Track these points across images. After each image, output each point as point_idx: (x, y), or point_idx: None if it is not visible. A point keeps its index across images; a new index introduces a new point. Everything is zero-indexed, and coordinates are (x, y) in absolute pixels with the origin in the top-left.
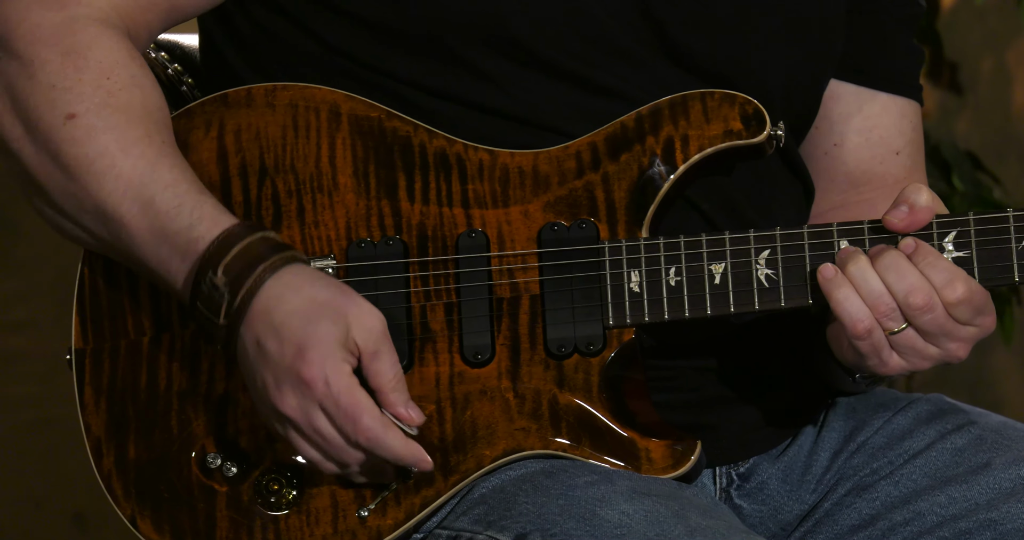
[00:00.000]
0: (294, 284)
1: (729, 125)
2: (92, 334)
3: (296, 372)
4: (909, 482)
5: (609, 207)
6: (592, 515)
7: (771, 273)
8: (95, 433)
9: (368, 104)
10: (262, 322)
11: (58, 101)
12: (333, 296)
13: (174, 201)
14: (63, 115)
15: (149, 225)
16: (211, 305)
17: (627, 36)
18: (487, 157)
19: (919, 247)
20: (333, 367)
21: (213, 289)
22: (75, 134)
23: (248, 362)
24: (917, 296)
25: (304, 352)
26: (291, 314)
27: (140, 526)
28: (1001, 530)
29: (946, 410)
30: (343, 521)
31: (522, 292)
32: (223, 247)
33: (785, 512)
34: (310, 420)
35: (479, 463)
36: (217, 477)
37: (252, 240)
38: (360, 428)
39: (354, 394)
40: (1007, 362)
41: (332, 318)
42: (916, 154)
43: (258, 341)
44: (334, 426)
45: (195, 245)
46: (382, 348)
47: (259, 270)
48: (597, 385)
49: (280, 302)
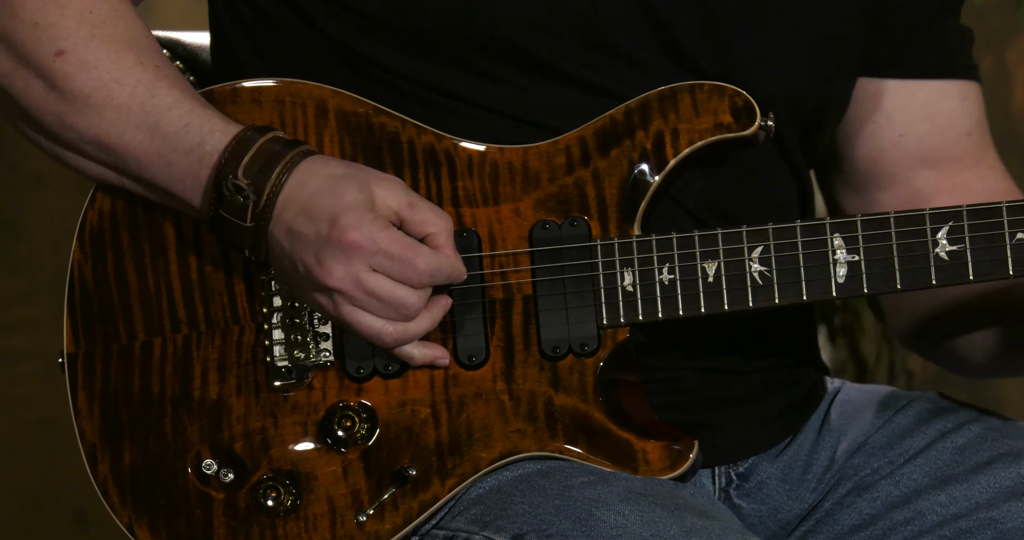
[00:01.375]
0: (312, 169)
1: (719, 118)
2: (84, 338)
3: (336, 241)
4: (910, 481)
5: (600, 204)
6: (588, 516)
7: (764, 270)
8: (90, 439)
9: (355, 99)
10: (290, 210)
11: (44, 38)
12: (349, 169)
13: (180, 121)
14: (51, 52)
15: (157, 148)
16: (235, 209)
17: (630, 40)
18: (476, 153)
19: None
20: (372, 224)
21: (236, 192)
22: (66, 70)
23: (283, 255)
24: None
25: (338, 220)
26: (315, 193)
27: (138, 533)
28: (1002, 529)
29: (946, 408)
30: (341, 526)
31: (515, 292)
32: (238, 151)
33: (785, 512)
34: (361, 284)
35: (476, 466)
36: (214, 483)
37: (265, 140)
38: (419, 267)
39: (402, 239)
40: None
41: (356, 186)
42: (984, 134)
43: (289, 229)
44: (391, 279)
45: (209, 158)
46: (413, 199)
47: (279, 167)
48: (592, 386)
49: (303, 188)
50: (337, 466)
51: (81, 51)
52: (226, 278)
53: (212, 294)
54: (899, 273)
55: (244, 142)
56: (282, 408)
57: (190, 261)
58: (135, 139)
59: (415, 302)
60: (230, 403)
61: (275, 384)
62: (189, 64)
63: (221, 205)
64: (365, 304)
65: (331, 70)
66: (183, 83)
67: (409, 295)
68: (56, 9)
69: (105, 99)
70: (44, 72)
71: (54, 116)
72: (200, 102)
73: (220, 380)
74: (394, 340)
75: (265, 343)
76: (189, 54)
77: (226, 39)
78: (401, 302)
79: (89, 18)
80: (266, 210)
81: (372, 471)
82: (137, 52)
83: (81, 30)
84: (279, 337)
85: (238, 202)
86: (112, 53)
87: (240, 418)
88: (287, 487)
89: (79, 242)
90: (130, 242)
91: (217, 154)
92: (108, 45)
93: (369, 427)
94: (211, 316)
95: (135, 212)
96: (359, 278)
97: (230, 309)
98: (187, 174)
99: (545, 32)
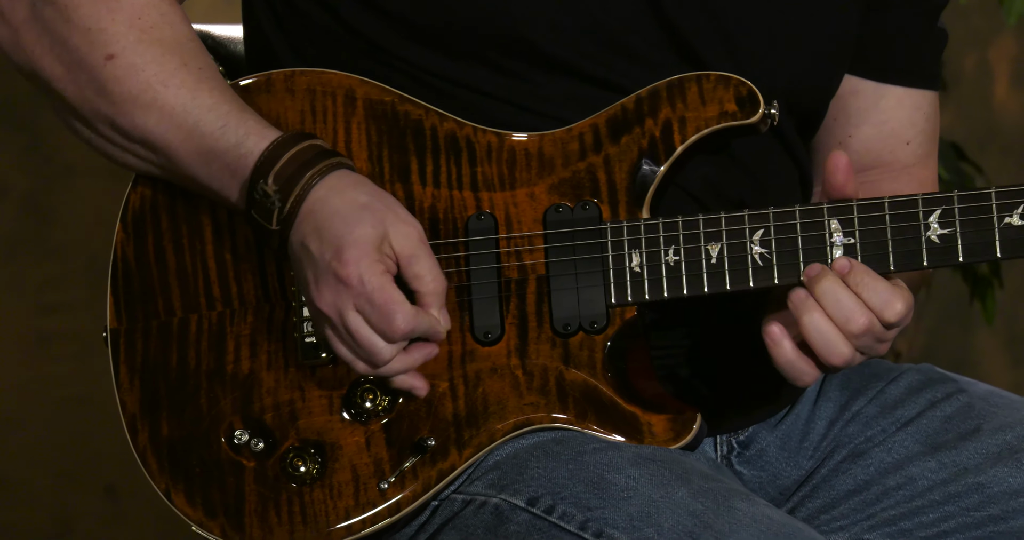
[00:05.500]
0: (338, 187)
1: (724, 107)
2: (126, 315)
3: (333, 271)
4: (901, 449)
5: (611, 188)
6: (600, 479)
7: (764, 252)
8: (130, 410)
9: (382, 88)
10: (307, 223)
11: (96, 42)
12: (373, 201)
13: (218, 122)
14: (102, 56)
15: (196, 147)
16: (264, 212)
17: (639, 39)
18: (495, 140)
19: (853, 268)
20: (368, 267)
21: (265, 197)
22: (116, 73)
23: (296, 261)
24: (856, 322)
25: (341, 252)
26: (332, 215)
27: (174, 499)
28: (988, 493)
29: (936, 379)
30: (364, 494)
31: (529, 273)
32: (272, 157)
33: (783, 478)
34: (343, 318)
35: (491, 437)
36: (245, 453)
37: (300, 148)
38: (395, 324)
39: (387, 291)
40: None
41: (371, 222)
42: (927, 142)
43: (302, 242)
44: (369, 324)
45: (245, 160)
46: (419, 252)
47: (307, 176)
48: (601, 362)
49: (324, 204)
50: (360, 437)
51: (130, 55)
52: (258, 259)
53: (245, 274)
54: (892, 255)
55: (279, 148)
56: (309, 382)
57: (225, 243)
58: (177, 138)
59: (386, 354)
60: (261, 377)
61: (303, 359)
62: (217, 55)
63: (252, 206)
64: (342, 337)
65: (358, 62)
66: (224, 85)
67: (382, 347)
68: (107, 15)
69: (151, 100)
70: (95, 75)
71: (104, 117)
72: (239, 105)
73: (252, 355)
74: (364, 373)
75: (294, 320)
76: (219, 45)
77: (261, 32)
78: (372, 350)
79: (138, 23)
80: (290, 217)
81: (393, 441)
82: (182, 55)
83: (130, 35)
84: (307, 314)
85: (266, 206)
86: (158, 56)
87: (270, 391)
88: (313, 456)
89: (122, 223)
90: (169, 224)
91: (254, 157)
92: (155, 49)
93: (390, 400)
94: (244, 294)
95: (174, 196)
96: (343, 313)
97: (262, 288)
98: (224, 173)
99: (559, 31)
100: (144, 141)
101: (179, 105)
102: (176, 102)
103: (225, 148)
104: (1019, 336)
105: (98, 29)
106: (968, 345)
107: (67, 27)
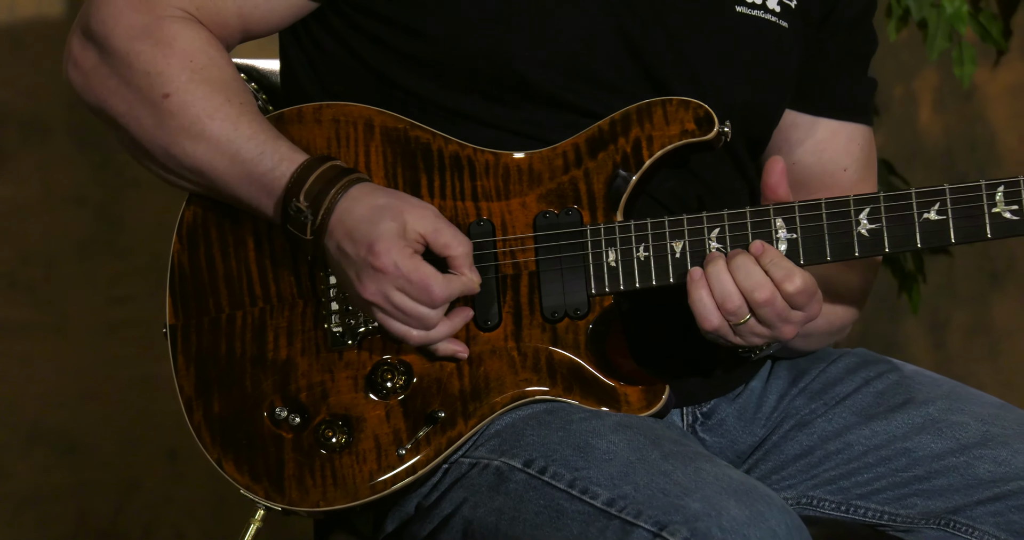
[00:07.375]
0: (358, 197)
1: (685, 126)
2: (181, 312)
3: (370, 264)
4: (840, 419)
5: (590, 196)
6: (585, 444)
7: (720, 247)
8: (187, 393)
9: (395, 117)
10: (339, 230)
11: (154, 84)
12: (389, 200)
13: (256, 150)
14: (160, 95)
15: (238, 172)
16: (298, 225)
17: (616, 74)
18: (492, 158)
19: (765, 249)
20: (399, 253)
21: (298, 213)
22: (171, 109)
23: (335, 264)
24: (761, 292)
25: (373, 247)
26: (359, 220)
27: (225, 467)
28: (914, 457)
29: (870, 361)
30: (385, 459)
31: (522, 269)
32: (301, 178)
33: (740, 443)
34: (389, 299)
35: (492, 408)
36: (284, 427)
37: (323, 169)
38: (433, 294)
39: (420, 269)
40: (915, 329)
41: (391, 216)
42: (864, 169)
43: (338, 246)
44: (411, 298)
45: (279, 182)
46: (439, 226)
47: (332, 192)
48: (584, 343)
49: (349, 213)
50: (381, 411)
51: (183, 93)
52: (293, 263)
53: (282, 275)
54: (829, 247)
55: (306, 170)
56: (337, 365)
57: (264, 250)
58: (221, 164)
59: (433, 316)
60: (296, 362)
61: (332, 346)
62: (261, 85)
63: (288, 221)
64: (393, 314)
65: (375, 95)
66: (260, 117)
67: (428, 312)
68: (163, 59)
69: (200, 132)
70: (154, 111)
71: (161, 147)
72: (274, 134)
73: (288, 344)
74: (418, 343)
75: (323, 313)
76: (263, 77)
77: (293, 70)
78: (421, 317)
79: (190, 66)
80: (321, 228)
81: (409, 414)
82: (227, 92)
83: (183, 75)
84: (335, 308)
85: (300, 220)
86: (207, 94)
87: (304, 373)
88: (342, 428)
89: (178, 236)
90: (217, 236)
91: (285, 179)
92: (204, 87)
93: (407, 379)
94: (281, 293)
95: (221, 213)
96: (387, 295)
97: (296, 287)
98: (262, 193)
99: (549, 69)
100: (193, 168)
101: (223, 136)
102: (221, 133)
103: (262, 172)
104: (940, 324)
105: (156, 72)
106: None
107: (130, 72)
